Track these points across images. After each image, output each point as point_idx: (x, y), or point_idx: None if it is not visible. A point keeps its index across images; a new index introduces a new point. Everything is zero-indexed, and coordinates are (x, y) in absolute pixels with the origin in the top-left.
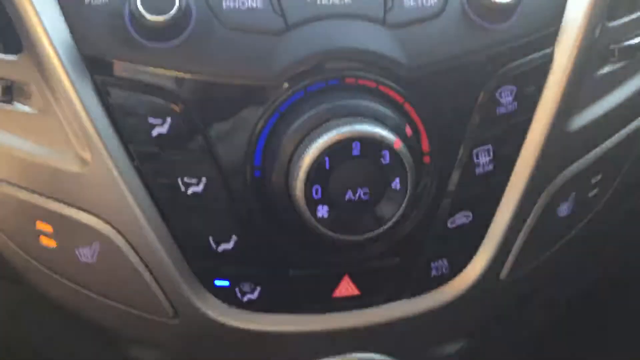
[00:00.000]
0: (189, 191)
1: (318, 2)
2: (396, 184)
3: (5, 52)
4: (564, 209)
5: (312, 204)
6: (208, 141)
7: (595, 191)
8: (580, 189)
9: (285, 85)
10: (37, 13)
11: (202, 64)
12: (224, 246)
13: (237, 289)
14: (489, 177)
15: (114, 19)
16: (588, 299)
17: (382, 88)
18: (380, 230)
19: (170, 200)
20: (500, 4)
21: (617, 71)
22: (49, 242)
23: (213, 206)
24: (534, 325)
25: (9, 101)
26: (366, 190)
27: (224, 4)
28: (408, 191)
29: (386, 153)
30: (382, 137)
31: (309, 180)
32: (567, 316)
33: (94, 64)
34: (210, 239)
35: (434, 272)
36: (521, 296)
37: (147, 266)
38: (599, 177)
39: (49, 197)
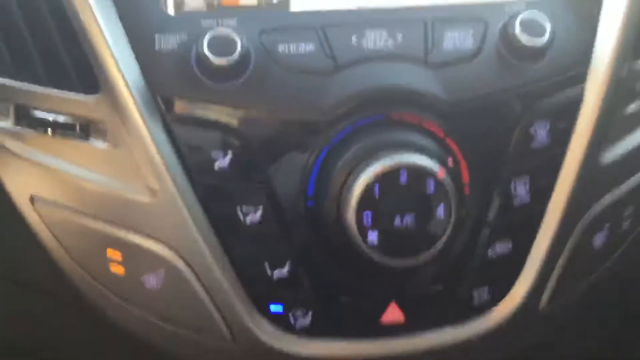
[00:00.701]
0: (247, 220)
1: (364, 45)
2: (440, 211)
3: (84, 92)
4: (599, 240)
5: (363, 230)
6: (265, 173)
7: (628, 222)
8: (614, 220)
9: (336, 120)
10: (114, 59)
11: (260, 102)
12: (278, 272)
13: (290, 315)
14: (527, 208)
15: (182, 63)
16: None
17: (424, 123)
18: (426, 255)
19: (230, 229)
20: (533, 47)
21: None
22: (117, 269)
23: (269, 234)
24: (574, 352)
25: (86, 137)
26: (412, 217)
27: (279, 47)
28: (451, 219)
29: (431, 182)
30: (426, 167)
31: (360, 207)
32: (608, 343)
33: (163, 103)
34: (266, 265)
35: (475, 300)
36: (560, 324)
37: (207, 292)
38: (631, 208)
39: (119, 226)
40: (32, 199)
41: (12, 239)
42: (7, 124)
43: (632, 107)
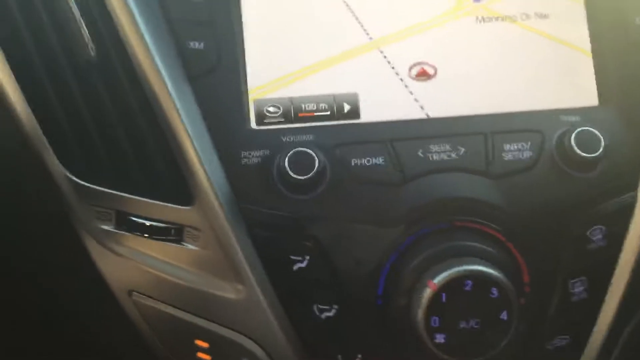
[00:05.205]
0: (323, 316)
1: (430, 158)
2: (504, 315)
3: (179, 202)
4: None
5: (431, 332)
6: (339, 275)
7: None
8: None
9: (405, 228)
10: (206, 173)
11: (335, 211)
12: None
13: None
14: (584, 304)
15: (264, 176)
16: None
17: (486, 230)
18: (489, 355)
19: (306, 324)
20: (587, 157)
21: None
22: (204, 357)
23: (342, 329)
24: None
25: (179, 240)
26: (477, 320)
27: (352, 161)
28: (514, 321)
29: (494, 289)
30: (490, 275)
31: (429, 312)
32: None
33: (249, 213)
34: (339, 358)
35: None
36: None
37: None
38: None
39: (207, 320)
40: (130, 293)
41: (111, 327)
42: (109, 226)
43: None
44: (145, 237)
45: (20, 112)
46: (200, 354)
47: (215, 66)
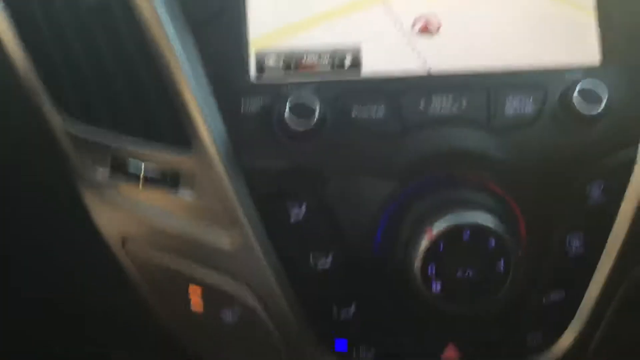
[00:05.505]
0: (318, 266)
1: (431, 110)
2: (500, 266)
3: (175, 148)
4: None
5: (428, 280)
6: (336, 225)
7: None
8: None
9: (403, 179)
10: (204, 120)
11: (334, 161)
12: (345, 313)
13: (354, 352)
14: (580, 259)
15: (264, 125)
16: None
17: (486, 183)
18: (485, 305)
19: (302, 274)
20: (589, 113)
21: None
22: (197, 304)
23: (338, 279)
24: None
25: (175, 188)
26: (474, 270)
27: (353, 112)
28: (511, 272)
29: (492, 239)
30: (488, 225)
31: (426, 260)
32: None
33: (246, 161)
34: (334, 307)
35: (529, 343)
36: None
37: (278, 328)
38: None
39: (201, 266)
40: (123, 240)
41: (103, 274)
42: (104, 174)
43: None
44: (140, 185)
45: (16, 56)
46: (193, 301)
47: (217, 14)
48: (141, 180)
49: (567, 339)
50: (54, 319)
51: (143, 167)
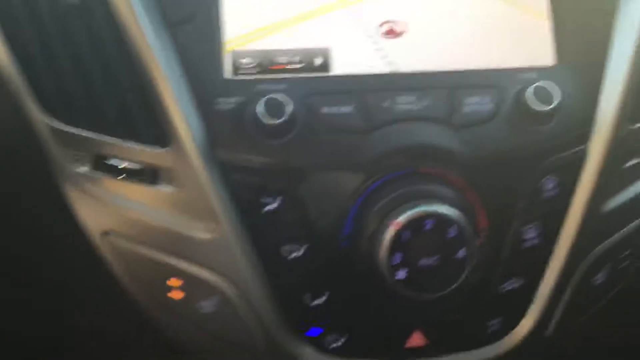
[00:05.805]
0: (291, 256)
1: (396, 108)
2: (460, 253)
3: (154, 144)
4: (599, 278)
5: (393, 269)
6: (307, 217)
7: (626, 263)
8: (613, 261)
9: (370, 173)
10: (182, 117)
11: (305, 156)
12: (317, 301)
13: (325, 337)
14: (536, 249)
15: (239, 121)
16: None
17: (448, 176)
18: (447, 290)
19: (276, 263)
20: (541, 111)
21: None
22: (177, 295)
23: (309, 269)
24: None
25: (154, 182)
26: (436, 258)
27: (322, 110)
28: (470, 259)
29: (452, 229)
30: (449, 215)
31: (391, 249)
32: None
33: (222, 156)
34: (307, 295)
35: (490, 329)
36: (564, 352)
37: (254, 316)
38: (629, 251)
39: (180, 258)
40: (105, 234)
41: (84, 267)
42: (85, 169)
43: (630, 164)
44: (121, 179)
45: None
46: (173, 292)
47: (193, 15)
48: (121, 175)
49: (525, 324)
50: (32, 313)
51: (123, 161)
